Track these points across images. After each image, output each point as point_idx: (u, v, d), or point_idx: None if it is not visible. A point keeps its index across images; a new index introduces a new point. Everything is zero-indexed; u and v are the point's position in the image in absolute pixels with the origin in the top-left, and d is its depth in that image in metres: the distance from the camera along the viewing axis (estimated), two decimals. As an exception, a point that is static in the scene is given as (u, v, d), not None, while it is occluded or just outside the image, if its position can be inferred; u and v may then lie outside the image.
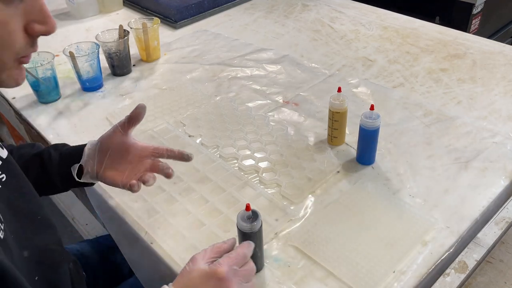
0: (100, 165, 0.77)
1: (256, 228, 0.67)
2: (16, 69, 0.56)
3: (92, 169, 0.77)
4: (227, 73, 1.27)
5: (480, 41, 1.35)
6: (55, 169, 0.78)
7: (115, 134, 0.76)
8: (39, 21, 0.55)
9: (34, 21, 0.54)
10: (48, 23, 0.55)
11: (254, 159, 0.94)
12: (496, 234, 0.76)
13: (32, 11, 0.54)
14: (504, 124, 1.01)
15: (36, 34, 0.56)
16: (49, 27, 0.56)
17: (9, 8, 0.51)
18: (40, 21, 0.55)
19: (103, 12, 1.68)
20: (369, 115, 0.86)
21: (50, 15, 0.56)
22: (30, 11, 0.54)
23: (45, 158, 0.78)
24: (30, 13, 0.54)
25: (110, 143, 0.76)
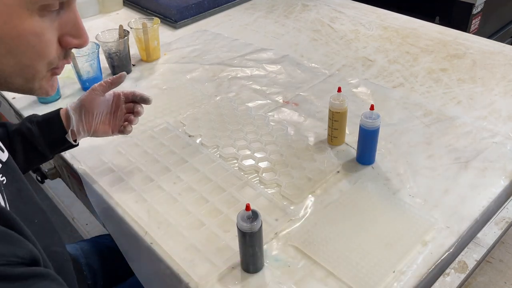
0: (89, 124, 0.87)
1: (256, 228, 0.67)
2: (48, 80, 0.59)
3: (83, 130, 0.87)
4: (227, 73, 1.27)
5: (480, 41, 1.35)
6: (41, 140, 0.83)
7: (95, 96, 0.86)
8: (73, 35, 0.58)
9: (68, 34, 0.57)
10: (82, 37, 0.58)
11: (254, 159, 0.94)
12: (496, 234, 0.76)
13: (67, 24, 0.56)
14: (504, 124, 1.01)
15: (69, 47, 0.58)
16: (82, 40, 0.59)
17: (45, 20, 0.53)
18: (74, 34, 0.58)
19: (103, 12, 1.68)
20: (369, 115, 0.86)
21: (84, 29, 0.58)
22: (65, 24, 0.56)
23: (25, 133, 0.82)
24: (65, 26, 0.56)
25: (94, 105, 0.86)
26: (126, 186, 0.91)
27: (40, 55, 0.55)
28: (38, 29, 0.52)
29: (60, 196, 2.02)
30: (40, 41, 0.53)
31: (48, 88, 0.60)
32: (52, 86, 0.60)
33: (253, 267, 0.72)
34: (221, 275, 0.73)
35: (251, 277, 0.72)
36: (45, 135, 0.83)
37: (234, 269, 0.73)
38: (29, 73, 0.55)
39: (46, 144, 0.84)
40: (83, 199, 1.08)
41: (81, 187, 0.99)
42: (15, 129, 0.83)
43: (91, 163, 0.96)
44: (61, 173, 1.15)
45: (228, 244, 0.77)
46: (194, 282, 0.72)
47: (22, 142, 0.82)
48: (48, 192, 2.08)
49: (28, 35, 0.52)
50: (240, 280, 0.72)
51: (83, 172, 0.95)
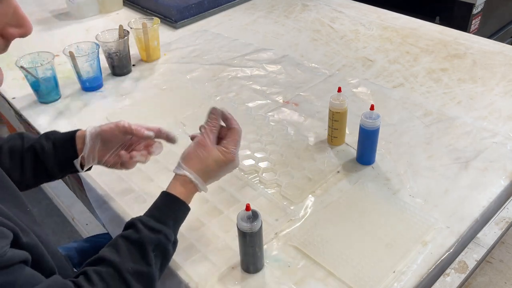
0: (101, 155, 0.81)
1: (256, 228, 0.67)
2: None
3: (94, 159, 0.81)
4: (227, 73, 1.27)
5: (480, 41, 1.35)
6: (51, 159, 0.80)
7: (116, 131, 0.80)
8: (15, 25, 0.55)
9: (9, 24, 0.55)
10: (24, 25, 0.56)
11: (254, 159, 0.94)
12: (496, 234, 0.76)
13: (6, 15, 0.54)
14: (504, 124, 1.01)
15: (12, 38, 0.56)
16: (25, 29, 0.56)
17: None
18: (16, 24, 0.55)
19: (103, 12, 1.68)
20: (369, 115, 0.86)
21: (25, 17, 0.56)
22: (3, 15, 0.54)
23: (38, 150, 0.80)
24: (4, 17, 0.54)
25: (112, 138, 0.80)
26: (126, 186, 0.90)
27: None
28: None
29: (60, 196, 2.02)
30: None
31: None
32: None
33: (253, 267, 0.72)
34: (221, 275, 0.73)
35: (251, 277, 0.72)
36: (57, 155, 0.80)
37: (234, 269, 0.73)
38: None
39: (56, 164, 0.81)
40: (83, 199, 1.08)
41: (81, 187, 0.99)
42: (30, 145, 0.80)
43: (91, 163, 0.96)
44: (61, 173, 1.15)
45: (228, 244, 0.77)
46: (194, 282, 0.72)
47: (34, 159, 0.80)
48: (48, 192, 2.07)
49: None
50: (240, 280, 0.72)
51: (83, 172, 0.95)
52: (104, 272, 0.61)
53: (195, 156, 0.72)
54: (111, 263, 0.62)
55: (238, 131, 0.76)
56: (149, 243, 0.64)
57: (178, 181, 0.72)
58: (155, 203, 0.71)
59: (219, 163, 0.73)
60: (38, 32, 1.54)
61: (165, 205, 0.70)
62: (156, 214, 0.69)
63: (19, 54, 1.14)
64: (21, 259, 0.54)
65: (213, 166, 0.73)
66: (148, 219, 0.67)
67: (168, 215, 0.69)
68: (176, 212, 0.71)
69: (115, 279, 0.61)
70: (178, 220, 0.71)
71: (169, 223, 0.68)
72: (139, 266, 0.63)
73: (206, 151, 0.72)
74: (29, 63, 1.14)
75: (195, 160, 0.72)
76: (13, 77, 1.27)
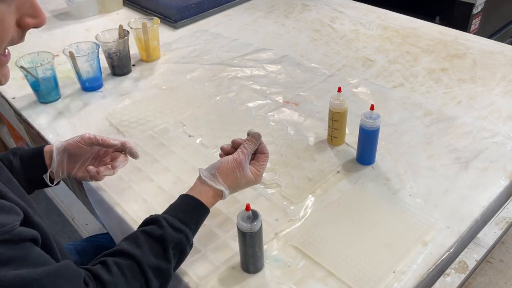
0: (70, 168, 0.85)
1: (256, 228, 0.67)
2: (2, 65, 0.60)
3: (63, 173, 0.84)
4: (227, 73, 1.27)
5: (480, 41, 1.35)
6: (20, 175, 0.81)
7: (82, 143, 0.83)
8: (31, 15, 0.58)
9: (26, 15, 0.58)
10: (40, 16, 0.59)
11: (254, 159, 0.94)
12: (496, 234, 0.76)
13: (24, 5, 0.57)
14: (504, 124, 1.01)
15: (28, 28, 0.59)
16: (40, 19, 0.59)
17: (3, 5, 0.54)
18: (32, 15, 0.58)
19: (103, 12, 1.68)
20: (369, 115, 0.86)
21: (40, 8, 0.59)
22: (22, 5, 0.57)
23: (7, 166, 0.79)
24: (22, 7, 0.57)
25: (79, 152, 0.84)
26: (126, 186, 0.90)
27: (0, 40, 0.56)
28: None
29: (60, 196, 2.02)
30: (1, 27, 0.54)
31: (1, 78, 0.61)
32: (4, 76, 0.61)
33: (253, 267, 0.72)
34: (221, 275, 0.73)
35: (251, 277, 0.72)
36: (26, 171, 0.82)
37: (234, 269, 0.73)
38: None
39: (25, 180, 0.81)
40: (83, 199, 1.08)
41: (81, 187, 0.99)
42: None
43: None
44: (61, 173, 1.15)
45: (228, 244, 0.77)
46: (194, 282, 0.72)
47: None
48: (48, 192, 2.07)
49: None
50: (240, 280, 0.72)
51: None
52: (124, 264, 0.62)
53: (231, 173, 0.75)
54: (132, 256, 0.63)
55: (268, 157, 0.80)
56: (171, 241, 0.66)
57: (211, 191, 0.74)
58: (181, 205, 0.73)
59: (249, 183, 0.78)
60: (38, 32, 1.54)
61: (192, 210, 0.72)
62: (181, 216, 0.70)
63: (19, 54, 1.14)
64: (31, 236, 0.55)
65: (243, 185, 0.77)
66: (173, 219, 0.69)
67: (192, 218, 0.71)
68: (200, 217, 0.73)
69: (135, 272, 0.62)
70: (199, 225, 0.73)
71: (191, 226, 0.70)
72: (160, 262, 0.65)
73: (243, 171, 0.76)
74: (29, 63, 1.14)
75: (231, 177, 0.75)
76: (13, 77, 1.27)
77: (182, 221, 0.69)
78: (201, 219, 0.73)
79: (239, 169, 0.75)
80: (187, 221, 0.70)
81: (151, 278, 0.63)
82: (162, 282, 0.65)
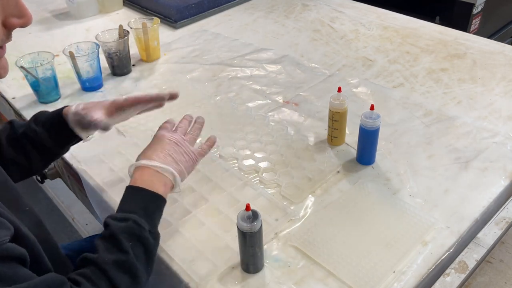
0: None
1: (256, 228, 0.67)
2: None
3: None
4: (227, 73, 1.27)
5: (480, 41, 1.35)
6: (48, 140, 0.82)
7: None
8: (16, 15, 0.58)
9: (11, 15, 0.57)
10: (25, 15, 0.59)
11: (254, 159, 0.94)
12: (496, 234, 0.76)
13: (8, 6, 0.57)
14: (504, 124, 1.01)
15: (14, 28, 0.59)
16: (26, 19, 0.59)
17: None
18: (17, 15, 0.58)
19: (103, 12, 1.68)
20: (369, 115, 0.86)
21: (26, 8, 0.59)
22: (6, 6, 0.56)
23: (31, 135, 0.82)
24: (6, 8, 0.57)
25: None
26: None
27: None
28: None
29: (60, 196, 2.02)
30: None
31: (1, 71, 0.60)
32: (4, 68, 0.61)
33: (253, 267, 0.72)
34: (221, 275, 0.73)
35: (251, 277, 0.72)
36: (51, 135, 0.83)
37: (234, 269, 0.73)
38: None
39: (55, 143, 0.83)
40: (83, 199, 1.08)
41: (81, 187, 0.99)
42: (23, 132, 0.82)
43: (91, 163, 0.96)
44: (61, 173, 1.15)
45: (228, 244, 0.77)
46: (194, 282, 0.72)
47: (32, 144, 0.82)
48: (48, 192, 2.07)
49: None
50: (240, 280, 0.72)
51: (83, 172, 0.95)
52: (87, 271, 0.62)
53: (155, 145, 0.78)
54: (91, 261, 0.63)
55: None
56: (120, 232, 0.65)
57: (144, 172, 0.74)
58: (123, 198, 0.72)
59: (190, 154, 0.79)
60: (38, 32, 1.54)
61: (132, 196, 0.71)
62: (124, 207, 0.69)
63: (19, 54, 1.14)
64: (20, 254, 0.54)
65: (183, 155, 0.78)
66: (116, 214, 0.68)
67: (135, 204, 0.70)
68: (145, 201, 0.71)
69: (97, 274, 0.61)
70: (149, 209, 0.71)
71: (138, 212, 0.68)
72: (117, 256, 0.63)
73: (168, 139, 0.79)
74: (29, 63, 1.14)
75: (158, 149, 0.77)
76: (13, 77, 1.27)
77: (124, 210, 0.68)
78: (147, 202, 0.71)
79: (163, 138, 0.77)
80: (130, 209, 0.68)
81: (114, 275, 0.62)
82: (129, 275, 0.63)
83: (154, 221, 0.70)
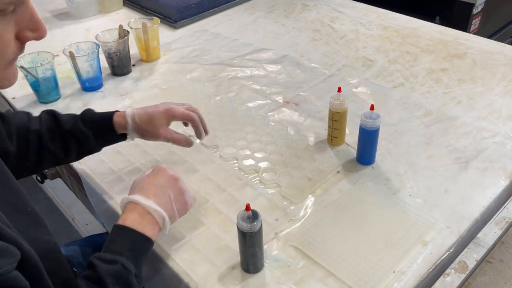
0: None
1: (256, 228, 0.67)
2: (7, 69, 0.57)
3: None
4: (227, 73, 1.27)
5: (480, 41, 1.35)
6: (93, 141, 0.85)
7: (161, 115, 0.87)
8: (30, 28, 0.57)
9: (25, 28, 0.56)
10: (39, 29, 0.58)
11: (254, 159, 0.94)
12: (496, 234, 0.76)
13: (23, 19, 0.55)
14: (504, 124, 1.01)
15: (28, 40, 0.57)
16: (40, 32, 0.58)
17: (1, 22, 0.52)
18: (32, 28, 0.57)
19: (103, 12, 1.67)
20: (369, 115, 0.86)
21: (41, 21, 0.57)
22: (21, 19, 0.55)
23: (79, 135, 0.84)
24: (21, 21, 0.55)
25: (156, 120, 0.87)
26: (126, 186, 0.90)
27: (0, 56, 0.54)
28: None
29: (60, 196, 2.02)
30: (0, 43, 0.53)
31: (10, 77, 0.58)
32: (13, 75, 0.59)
33: (253, 267, 0.72)
34: (221, 275, 0.73)
35: (251, 277, 0.72)
36: (98, 138, 0.86)
37: (234, 269, 0.73)
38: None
39: (98, 144, 0.87)
40: (83, 199, 1.08)
41: (81, 187, 0.99)
42: (69, 129, 0.84)
43: (91, 163, 0.96)
44: (61, 173, 1.15)
45: (228, 244, 0.77)
46: (194, 282, 0.72)
47: (77, 143, 0.85)
48: (48, 192, 2.08)
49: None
50: (240, 280, 0.72)
51: (83, 172, 0.95)
52: None
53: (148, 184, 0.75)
54: None
55: None
56: (107, 275, 0.62)
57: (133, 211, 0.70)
58: (110, 236, 0.68)
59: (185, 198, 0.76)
60: (38, 32, 1.54)
61: (119, 236, 0.68)
62: (111, 246, 0.66)
63: (19, 54, 1.14)
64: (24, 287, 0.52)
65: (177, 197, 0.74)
66: (105, 254, 0.65)
67: (122, 246, 0.66)
68: (132, 242, 0.67)
69: None
70: (137, 252, 0.67)
71: (125, 253, 0.65)
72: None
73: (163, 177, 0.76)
74: (29, 63, 1.14)
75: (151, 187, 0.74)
76: (13, 77, 1.27)
77: (112, 251, 0.65)
78: (135, 244, 0.67)
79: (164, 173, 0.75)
80: (118, 250, 0.65)
81: None
82: None
83: (140, 264, 0.67)
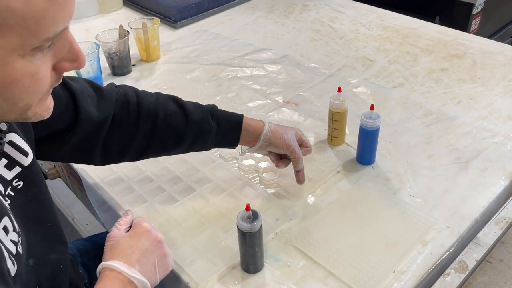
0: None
1: (256, 228, 0.67)
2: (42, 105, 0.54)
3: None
4: (227, 73, 1.27)
5: (480, 41, 1.35)
6: (213, 139, 0.82)
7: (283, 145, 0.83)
8: (69, 59, 0.53)
9: (63, 59, 0.52)
10: (78, 59, 0.54)
11: (254, 159, 0.94)
12: (496, 234, 0.76)
13: (61, 51, 0.52)
14: (504, 124, 1.01)
15: (65, 71, 0.54)
16: (79, 63, 0.54)
17: (38, 58, 0.48)
18: (70, 59, 0.53)
19: (103, 12, 1.68)
20: (369, 115, 0.86)
21: (80, 51, 0.54)
22: (59, 51, 0.51)
23: (205, 129, 0.81)
24: (59, 53, 0.51)
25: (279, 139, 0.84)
26: (126, 186, 0.91)
27: (35, 93, 0.50)
28: (32, 70, 0.48)
29: (60, 196, 2.02)
30: (35, 80, 0.49)
31: (44, 113, 0.55)
32: (47, 109, 0.56)
33: (253, 267, 0.72)
34: (221, 275, 0.73)
35: (251, 277, 0.72)
36: (219, 137, 0.82)
37: (234, 269, 0.73)
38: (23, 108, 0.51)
39: (215, 143, 0.83)
40: (83, 199, 1.08)
41: (81, 187, 0.99)
42: (197, 121, 0.80)
43: (91, 163, 0.96)
44: (61, 173, 1.15)
45: (228, 244, 0.77)
46: (194, 282, 0.72)
47: (196, 134, 0.81)
48: (48, 192, 2.07)
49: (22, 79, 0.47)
50: (240, 280, 0.72)
51: (83, 172, 0.95)
52: None
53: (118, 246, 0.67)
54: None
55: None
56: None
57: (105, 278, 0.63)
58: None
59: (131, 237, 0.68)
60: (38, 32, 1.54)
61: None
62: None
63: (19, 54, 1.14)
64: None
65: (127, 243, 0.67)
66: None
67: None
68: None
69: None
70: None
71: None
72: None
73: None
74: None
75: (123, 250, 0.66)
76: (13, 77, 1.27)
77: None
78: None
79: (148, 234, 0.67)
80: None
81: None
82: None
83: None
